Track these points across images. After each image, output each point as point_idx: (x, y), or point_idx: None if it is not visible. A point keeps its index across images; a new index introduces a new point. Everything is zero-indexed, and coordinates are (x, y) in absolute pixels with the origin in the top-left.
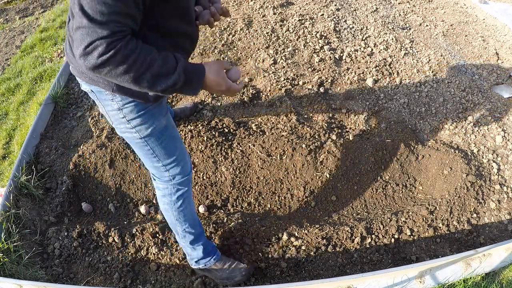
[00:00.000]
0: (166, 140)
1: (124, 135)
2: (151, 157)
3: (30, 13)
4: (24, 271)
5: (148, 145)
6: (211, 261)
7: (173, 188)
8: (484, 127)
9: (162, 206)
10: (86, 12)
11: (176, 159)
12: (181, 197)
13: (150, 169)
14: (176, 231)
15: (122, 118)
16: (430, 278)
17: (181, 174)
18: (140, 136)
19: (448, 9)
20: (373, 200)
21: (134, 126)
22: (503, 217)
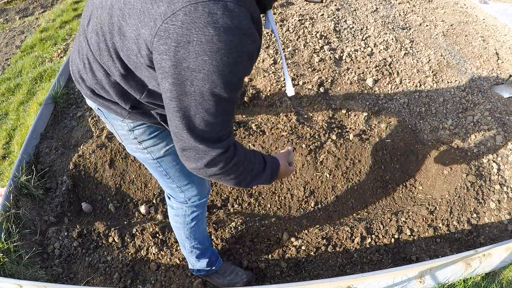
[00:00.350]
0: (181, 163)
1: (135, 154)
2: (165, 178)
3: (30, 13)
4: (24, 271)
5: (162, 167)
6: (212, 270)
7: (188, 210)
8: (484, 127)
9: (174, 224)
10: (197, 133)
11: (192, 181)
12: (195, 218)
13: (165, 188)
14: (184, 246)
15: (133, 139)
16: (430, 278)
17: (198, 196)
18: (152, 157)
19: (448, 9)
20: (373, 200)
21: (146, 147)
22: (503, 217)
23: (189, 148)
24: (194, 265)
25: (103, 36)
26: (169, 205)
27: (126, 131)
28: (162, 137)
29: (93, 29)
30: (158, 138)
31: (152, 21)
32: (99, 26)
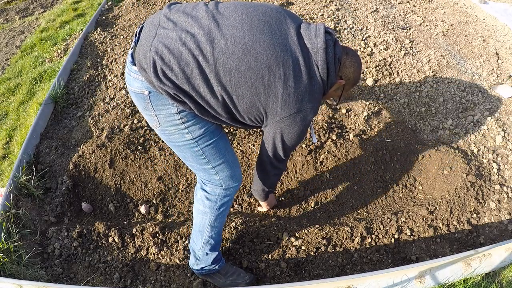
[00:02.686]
0: (218, 140)
1: (171, 137)
2: (200, 158)
3: (30, 13)
4: (24, 271)
5: (198, 146)
6: (215, 269)
7: (222, 193)
8: (484, 127)
9: (202, 208)
10: (279, 157)
11: (226, 161)
12: (225, 204)
13: (199, 172)
14: (202, 235)
15: (177, 120)
16: (430, 278)
17: (232, 178)
18: (192, 136)
19: (448, 9)
20: (373, 200)
21: (187, 127)
22: (503, 217)
23: (271, 163)
24: (200, 260)
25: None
26: (201, 188)
27: (172, 114)
28: (201, 118)
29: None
30: (199, 119)
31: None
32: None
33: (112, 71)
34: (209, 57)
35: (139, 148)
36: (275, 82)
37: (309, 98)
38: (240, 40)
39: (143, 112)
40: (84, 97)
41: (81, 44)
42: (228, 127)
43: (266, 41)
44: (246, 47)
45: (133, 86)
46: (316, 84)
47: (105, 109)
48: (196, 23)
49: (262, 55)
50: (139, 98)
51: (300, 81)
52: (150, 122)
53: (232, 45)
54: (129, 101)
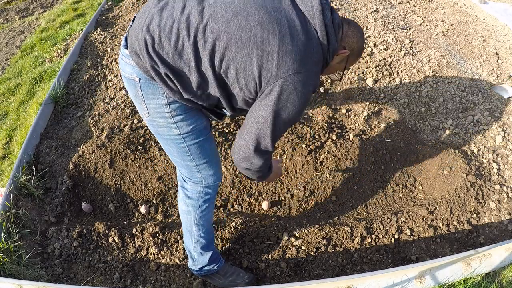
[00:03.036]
0: (204, 140)
1: (159, 129)
2: (185, 155)
3: (30, 13)
4: (24, 271)
5: (185, 143)
6: (214, 269)
7: (202, 191)
8: (484, 127)
9: (185, 208)
10: (260, 149)
11: (210, 161)
12: (207, 201)
13: (181, 168)
14: (190, 235)
15: (167, 113)
16: (430, 278)
17: (213, 176)
18: (179, 132)
19: (448, 9)
20: (373, 200)
21: (176, 122)
22: (503, 217)
23: (247, 156)
24: (196, 261)
25: (225, 44)
26: (182, 187)
27: (162, 105)
28: (192, 115)
29: (215, 27)
30: (189, 115)
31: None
32: (224, 30)
33: (112, 71)
34: (199, 25)
35: (139, 148)
36: (269, 39)
37: (309, 60)
38: (230, 4)
39: (133, 99)
40: (84, 97)
41: (81, 44)
42: (222, 125)
43: (257, 3)
44: (237, 9)
45: (125, 71)
46: (315, 47)
47: (105, 109)
48: (189, 1)
49: (254, 14)
50: (130, 83)
51: (298, 40)
52: (139, 110)
53: (221, 10)
54: (129, 101)
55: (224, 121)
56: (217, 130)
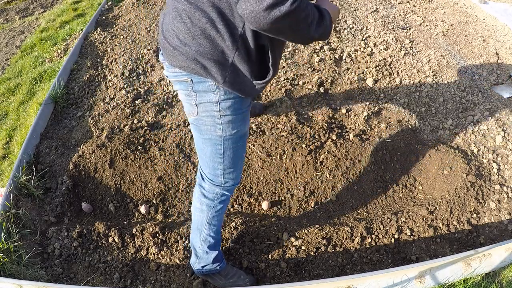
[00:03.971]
0: (239, 147)
1: (203, 127)
2: (218, 156)
3: (30, 13)
4: (24, 271)
5: (223, 145)
6: (216, 269)
7: (220, 192)
8: (484, 127)
9: (199, 206)
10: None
11: (237, 168)
12: (223, 202)
13: (206, 168)
14: (200, 233)
15: (216, 112)
16: (430, 278)
17: (234, 180)
18: (222, 134)
19: (448, 9)
20: (373, 200)
21: (223, 123)
22: (503, 217)
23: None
24: (200, 259)
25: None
26: (200, 186)
27: (212, 103)
28: (241, 118)
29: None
30: (237, 118)
31: None
32: None
33: (112, 71)
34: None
35: (139, 148)
36: None
37: None
38: None
39: (184, 99)
40: (84, 97)
41: (81, 44)
42: None
43: None
44: None
45: (175, 77)
46: None
47: (105, 109)
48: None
49: None
50: (182, 86)
51: None
52: (187, 109)
53: None
54: (129, 101)
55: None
56: None
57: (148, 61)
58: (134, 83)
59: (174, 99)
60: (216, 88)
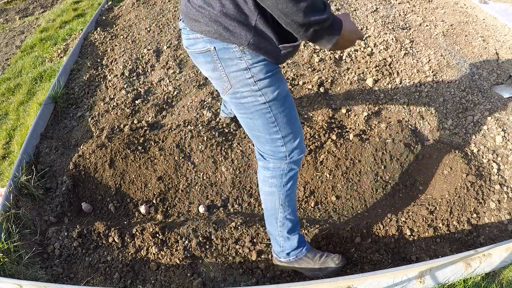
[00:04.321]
0: (288, 108)
1: (243, 100)
2: (271, 126)
3: (30, 13)
4: (24, 271)
5: (271, 111)
6: (302, 252)
7: (287, 167)
8: (484, 127)
9: (268, 189)
10: None
11: (295, 131)
12: (291, 178)
13: (265, 144)
14: (276, 219)
15: (249, 78)
16: (430, 278)
17: (298, 149)
18: (265, 100)
19: (448, 9)
20: (373, 200)
21: (260, 88)
22: (503, 217)
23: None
24: (283, 247)
25: None
26: (264, 168)
27: (241, 71)
28: (276, 78)
29: None
30: (273, 79)
31: None
32: None
33: (112, 71)
34: None
35: (139, 148)
36: None
37: None
38: None
39: (213, 74)
40: (84, 97)
41: (81, 44)
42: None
43: None
44: None
45: (197, 48)
46: None
47: (105, 109)
48: None
49: None
50: (206, 57)
51: None
52: (220, 85)
53: None
54: (129, 101)
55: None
56: (217, 130)
57: (148, 61)
58: (134, 83)
59: (174, 99)
60: (242, 54)
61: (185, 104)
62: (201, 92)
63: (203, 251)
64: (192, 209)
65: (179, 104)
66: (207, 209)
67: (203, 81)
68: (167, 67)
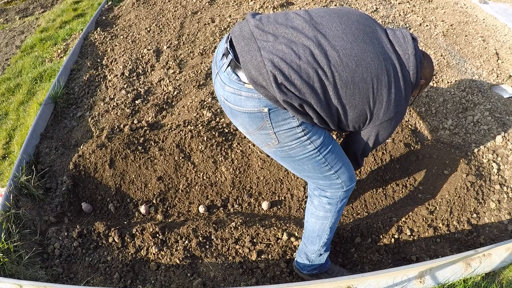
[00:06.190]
0: (333, 145)
1: (291, 152)
2: (323, 166)
3: (30, 13)
4: (24, 271)
5: (321, 154)
6: (326, 267)
7: (343, 195)
8: (484, 127)
9: (322, 213)
10: (366, 153)
11: (344, 163)
12: (344, 204)
13: (319, 180)
14: (320, 239)
15: (299, 132)
16: (430, 278)
17: (351, 179)
18: (314, 146)
19: (448, 9)
20: (373, 200)
21: (309, 138)
22: (503, 217)
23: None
24: (313, 263)
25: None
26: (322, 196)
27: (294, 127)
28: (318, 127)
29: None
30: (316, 128)
31: None
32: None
33: (112, 71)
34: (327, 70)
35: (139, 148)
36: (381, 90)
37: (404, 101)
38: (350, 51)
39: (255, 132)
40: (84, 97)
41: (81, 44)
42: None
43: (370, 51)
44: (357, 59)
45: (246, 107)
46: (409, 88)
47: (105, 109)
48: (301, 34)
49: (371, 66)
50: (254, 117)
51: (399, 87)
52: (264, 141)
53: (345, 57)
54: (129, 101)
55: None
56: (217, 130)
57: (148, 61)
58: (134, 83)
59: (174, 99)
60: (295, 115)
61: (185, 104)
62: (201, 92)
63: (203, 251)
64: (192, 209)
65: (179, 104)
66: (207, 209)
67: (203, 81)
68: (167, 67)
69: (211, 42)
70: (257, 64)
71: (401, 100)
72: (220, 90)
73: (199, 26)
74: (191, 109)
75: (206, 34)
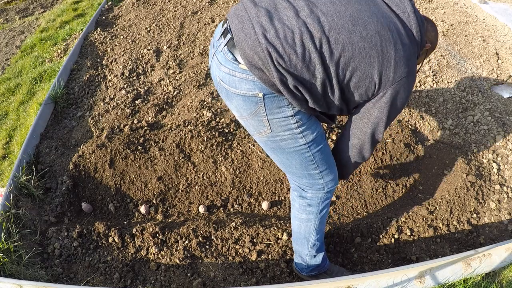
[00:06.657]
0: (324, 145)
1: (282, 143)
2: (309, 163)
3: (30, 13)
4: (24, 271)
5: (310, 151)
6: (324, 267)
7: (323, 197)
8: (484, 127)
9: (305, 216)
10: (374, 142)
11: (330, 165)
12: (326, 205)
13: (302, 178)
14: (307, 241)
15: (293, 123)
16: (430, 278)
17: (333, 180)
18: (305, 141)
19: (448, 9)
20: (373, 200)
21: (302, 131)
22: (503, 217)
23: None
24: (308, 264)
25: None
26: (301, 197)
27: (288, 117)
28: (312, 122)
29: (341, 42)
30: (310, 123)
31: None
32: (346, 42)
33: (112, 71)
34: (322, 36)
35: (139, 148)
36: (387, 46)
37: (413, 60)
38: (344, 13)
39: (248, 117)
40: (84, 97)
41: (81, 44)
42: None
43: (366, 10)
44: (353, 18)
45: (240, 89)
46: (415, 47)
47: (105, 109)
48: (290, 6)
49: (369, 23)
50: (249, 101)
51: (405, 44)
52: (256, 128)
53: (340, 20)
54: (129, 101)
55: (335, 124)
56: (217, 130)
57: (148, 61)
58: (134, 83)
59: (174, 99)
60: (290, 103)
61: (185, 104)
62: (201, 92)
63: (203, 251)
64: (192, 209)
65: (179, 104)
66: (207, 209)
67: (203, 81)
68: (167, 67)
69: None
70: (251, 43)
71: (411, 58)
72: (216, 71)
73: (199, 26)
74: (191, 109)
75: (206, 34)
